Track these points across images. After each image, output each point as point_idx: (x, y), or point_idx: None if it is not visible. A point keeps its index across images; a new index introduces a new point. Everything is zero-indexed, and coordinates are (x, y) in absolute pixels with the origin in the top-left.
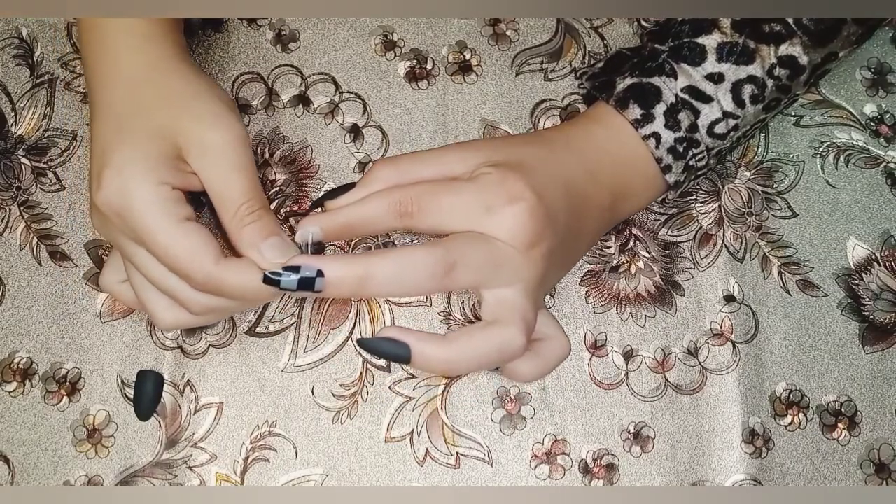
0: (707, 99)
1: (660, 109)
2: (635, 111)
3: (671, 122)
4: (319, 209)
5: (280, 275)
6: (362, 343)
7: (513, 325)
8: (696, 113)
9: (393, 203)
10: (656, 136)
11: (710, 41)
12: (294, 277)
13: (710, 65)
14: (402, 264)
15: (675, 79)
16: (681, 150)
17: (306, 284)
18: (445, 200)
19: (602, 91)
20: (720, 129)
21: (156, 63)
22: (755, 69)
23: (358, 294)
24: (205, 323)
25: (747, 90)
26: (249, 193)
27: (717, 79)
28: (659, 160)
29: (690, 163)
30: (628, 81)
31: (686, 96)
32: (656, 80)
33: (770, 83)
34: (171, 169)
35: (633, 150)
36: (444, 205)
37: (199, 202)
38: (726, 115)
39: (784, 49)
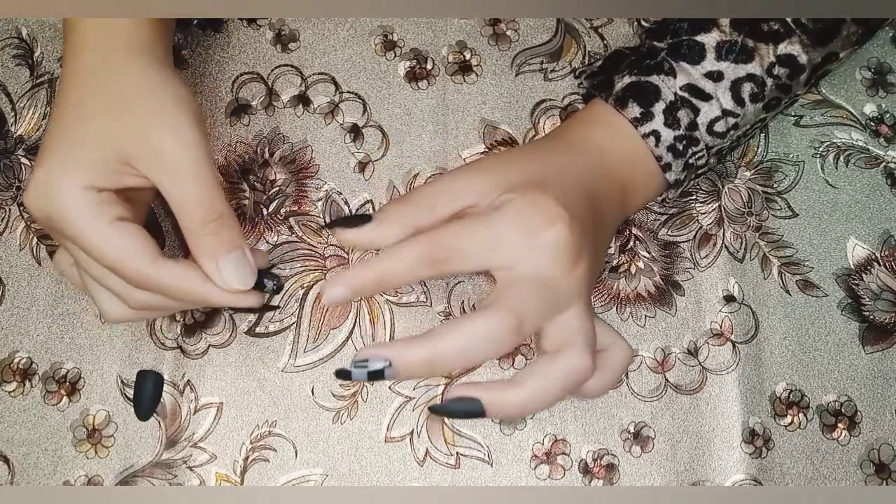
0: (706, 97)
1: (659, 108)
2: (634, 110)
3: (670, 121)
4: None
5: (350, 372)
6: (435, 409)
7: (577, 350)
8: (696, 111)
9: (424, 252)
10: (656, 134)
11: (708, 39)
12: (364, 371)
13: (709, 63)
14: (468, 338)
15: (674, 77)
16: (680, 148)
17: (376, 375)
18: (480, 237)
19: (601, 90)
20: (720, 127)
21: (113, 61)
22: (754, 67)
23: (431, 374)
24: (151, 317)
25: (747, 88)
26: (206, 202)
27: (716, 77)
28: (659, 158)
29: (690, 161)
30: (627, 80)
31: (685, 94)
32: (655, 79)
33: (770, 82)
34: (108, 173)
35: (633, 148)
36: (481, 242)
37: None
38: (726, 113)
39: (783, 48)
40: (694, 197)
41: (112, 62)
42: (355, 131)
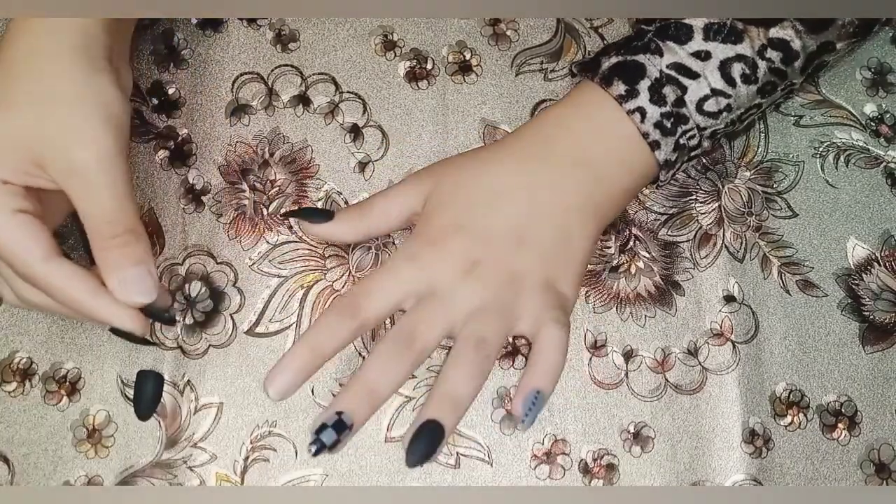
0: (693, 75)
1: (644, 85)
2: (619, 87)
3: (656, 98)
4: (290, 220)
5: (322, 442)
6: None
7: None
8: (683, 88)
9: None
10: (641, 110)
11: (697, 21)
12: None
13: (697, 43)
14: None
15: (661, 56)
16: (668, 125)
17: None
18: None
19: (588, 71)
20: (710, 106)
21: (44, 51)
22: (744, 48)
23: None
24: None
25: (737, 69)
26: (116, 216)
27: (703, 56)
28: (645, 135)
29: (681, 141)
30: (613, 60)
31: (671, 72)
32: (641, 58)
33: (762, 64)
34: (17, 172)
35: (620, 127)
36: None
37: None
38: (716, 92)
39: (775, 32)
40: (694, 197)
41: (43, 51)
42: (355, 131)
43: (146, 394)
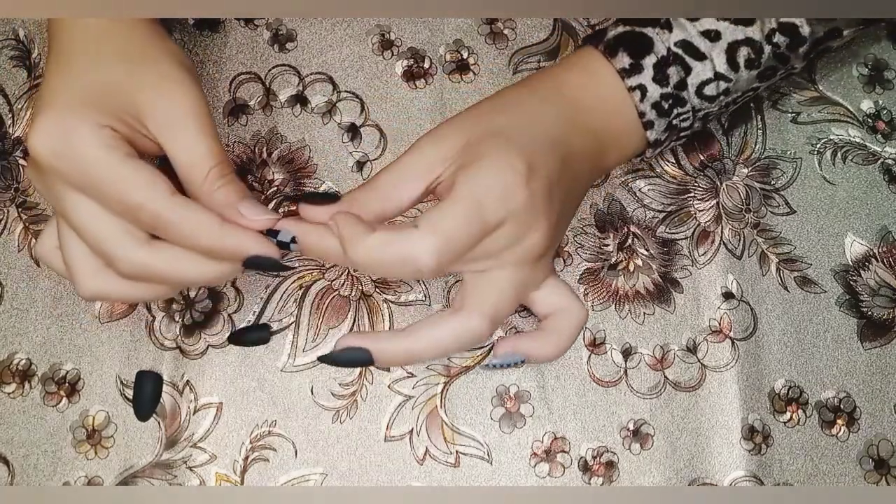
0: (701, 56)
1: (650, 61)
2: (624, 59)
3: (659, 76)
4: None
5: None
6: (324, 359)
7: (475, 314)
8: (688, 70)
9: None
10: (642, 88)
11: None
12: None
13: (708, 21)
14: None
15: (670, 31)
16: (665, 107)
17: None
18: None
19: (592, 39)
20: (710, 90)
21: (117, 22)
22: (753, 32)
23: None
24: (129, 296)
25: (743, 52)
26: (219, 157)
27: (713, 36)
28: (642, 114)
29: (674, 122)
30: (620, 29)
31: (679, 51)
32: (649, 31)
33: (768, 49)
34: (120, 122)
35: (617, 101)
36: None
37: None
38: (718, 76)
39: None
40: (692, 194)
41: (121, 24)
42: (353, 131)
43: (145, 394)
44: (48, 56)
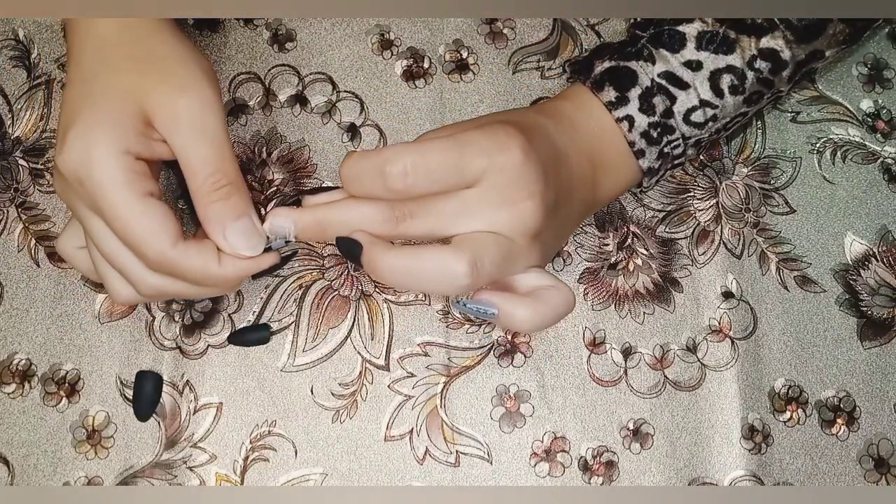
0: (684, 85)
1: (635, 93)
2: (610, 93)
3: (645, 106)
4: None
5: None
6: (339, 242)
7: (458, 252)
8: (672, 99)
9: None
10: (629, 119)
11: (690, 29)
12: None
13: (689, 52)
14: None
15: (653, 64)
16: (654, 135)
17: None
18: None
19: (581, 73)
20: (697, 117)
21: (129, 22)
22: (735, 59)
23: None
24: (158, 300)
25: (726, 80)
26: (217, 164)
27: (694, 66)
28: (631, 144)
29: (665, 150)
30: (606, 64)
31: (662, 81)
32: (633, 65)
33: (751, 75)
34: (137, 134)
35: (608, 133)
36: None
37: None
38: (704, 103)
39: (766, 42)
40: (692, 194)
41: (131, 24)
42: (353, 130)
43: (145, 394)
44: (67, 60)
